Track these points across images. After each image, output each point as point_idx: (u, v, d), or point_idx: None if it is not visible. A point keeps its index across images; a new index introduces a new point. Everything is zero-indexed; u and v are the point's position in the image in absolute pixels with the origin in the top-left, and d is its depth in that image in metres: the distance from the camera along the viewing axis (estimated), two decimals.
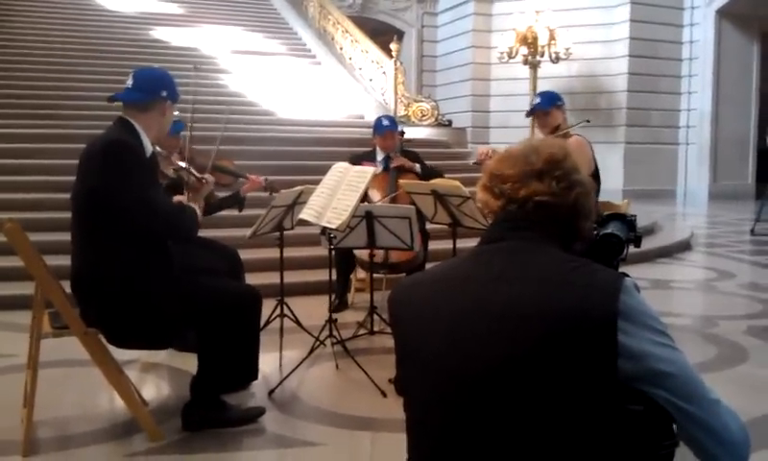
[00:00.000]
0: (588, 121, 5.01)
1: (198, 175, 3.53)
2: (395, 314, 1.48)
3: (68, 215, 3.10)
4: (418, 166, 5.48)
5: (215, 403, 3.26)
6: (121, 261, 2.97)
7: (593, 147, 4.61)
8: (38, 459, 2.97)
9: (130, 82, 3.17)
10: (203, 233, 4.55)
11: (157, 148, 3.43)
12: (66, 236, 3.14)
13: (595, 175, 4.34)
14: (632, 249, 1.64)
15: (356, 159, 5.13)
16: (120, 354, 3.68)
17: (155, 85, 3.17)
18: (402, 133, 5.86)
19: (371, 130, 5.79)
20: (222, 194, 4.68)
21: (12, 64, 10.89)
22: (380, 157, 5.52)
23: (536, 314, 1.27)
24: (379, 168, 5.31)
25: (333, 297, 5.34)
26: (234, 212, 4.65)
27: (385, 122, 5.57)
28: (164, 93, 3.17)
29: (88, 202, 2.99)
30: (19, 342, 3.74)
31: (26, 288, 3.93)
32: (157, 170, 3.35)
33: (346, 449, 3.13)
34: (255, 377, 3.39)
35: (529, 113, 4.69)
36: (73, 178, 3.09)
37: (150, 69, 3.48)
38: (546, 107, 4.62)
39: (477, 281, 1.36)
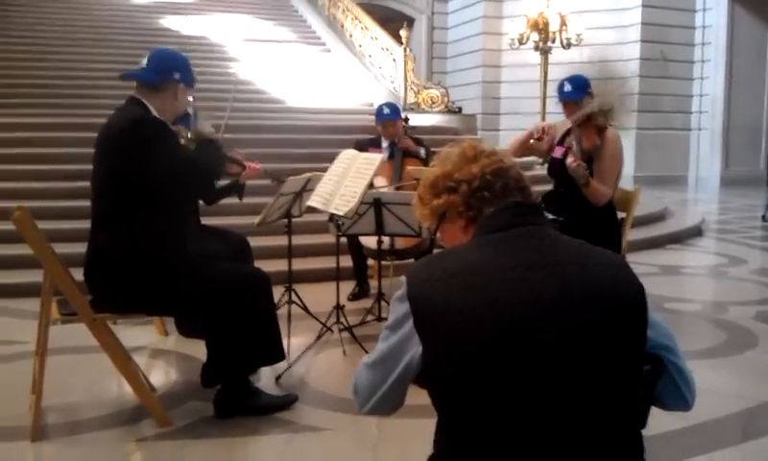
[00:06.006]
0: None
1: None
2: (420, 313, 1.37)
3: (76, 204, 3.13)
4: (422, 151, 5.48)
5: (248, 390, 3.30)
6: (148, 232, 3.03)
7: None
8: (47, 444, 3.01)
9: (144, 61, 3.20)
10: (210, 222, 4.59)
11: (172, 127, 3.44)
12: (75, 224, 3.18)
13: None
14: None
15: (362, 145, 5.13)
16: (128, 341, 3.72)
17: (168, 67, 3.19)
18: (406, 119, 5.84)
19: None
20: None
21: (21, 54, 10.94)
22: (385, 143, 5.53)
23: (586, 296, 1.35)
24: (385, 155, 5.30)
25: (354, 285, 5.39)
26: (236, 200, 4.62)
27: (386, 111, 5.56)
28: (177, 75, 3.18)
29: (116, 180, 3.03)
30: (28, 329, 3.77)
31: (35, 276, 3.95)
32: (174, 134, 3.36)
33: (352, 435, 3.14)
34: (282, 358, 3.40)
35: (560, 101, 4.30)
36: (82, 166, 3.13)
37: (165, 50, 3.48)
38: (579, 97, 4.23)
39: (513, 270, 1.36)
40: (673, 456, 2.87)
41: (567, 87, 4.29)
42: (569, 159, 4.02)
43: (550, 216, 3.95)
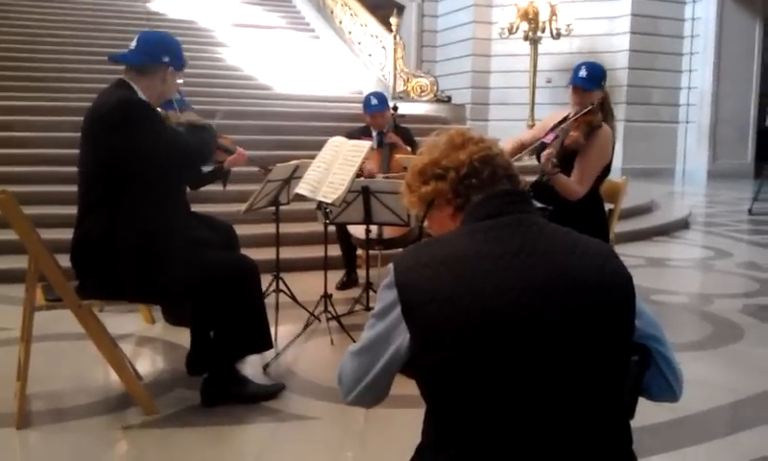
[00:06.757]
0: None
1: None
2: (408, 300, 1.36)
3: (63, 189, 3.09)
4: (409, 149, 5.47)
5: (235, 379, 3.29)
6: (137, 219, 3.00)
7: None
8: (32, 432, 2.98)
9: (133, 44, 3.16)
10: (196, 209, 4.55)
11: (158, 110, 3.40)
12: (61, 209, 3.13)
13: (607, 166, 4.23)
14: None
15: (353, 135, 5.10)
16: (115, 328, 3.70)
17: (157, 50, 3.15)
18: (395, 108, 5.83)
19: None
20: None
21: (7, 37, 10.80)
22: (375, 132, 5.51)
23: (573, 285, 1.34)
24: (374, 143, 5.29)
25: (343, 274, 5.38)
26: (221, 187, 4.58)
27: (373, 102, 5.54)
28: (166, 59, 3.15)
29: (104, 166, 2.99)
30: (13, 315, 3.74)
31: (20, 261, 3.91)
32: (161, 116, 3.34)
33: (339, 424, 3.14)
34: (269, 346, 3.40)
35: (571, 83, 4.15)
36: (69, 150, 3.10)
37: (155, 33, 3.44)
38: (590, 88, 4.10)
39: (502, 258, 1.35)
40: (661, 447, 2.88)
41: (582, 73, 4.12)
42: (545, 151, 3.97)
43: (538, 204, 3.93)
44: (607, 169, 4.21)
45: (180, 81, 3.33)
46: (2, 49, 10.27)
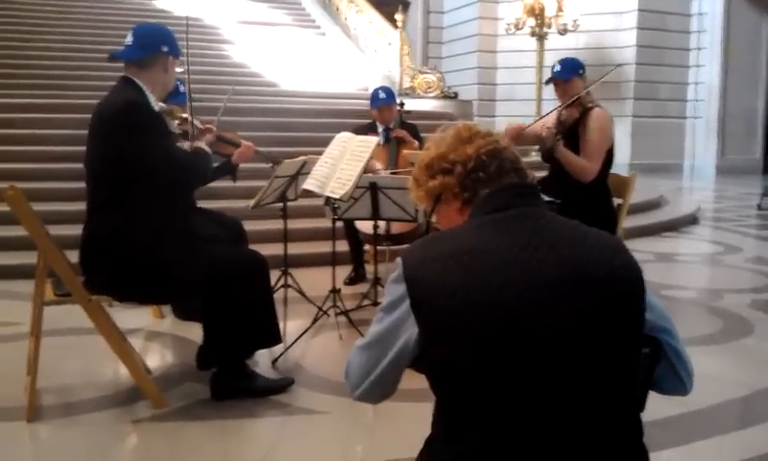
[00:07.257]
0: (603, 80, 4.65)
1: (201, 126, 3.56)
2: (417, 294, 1.35)
3: (70, 185, 3.09)
4: (416, 143, 5.47)
5: (244, 373, 3.30)
6: (145, 218, 3.00)
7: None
8: (42, 425, 3.00)
9: (129, 39, 3.15)
10: (205, 205, 4.56)
11: (161, 104, 3.40)
12: (68, 206, 3.14)
13: (611, 152, 4.28)
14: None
15: (359, 131, 5.10)
16: (124, 323, 3.71)
17: (154, 41, 3.15)
18: (402, 104, 5.82)
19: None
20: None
21: (13, 35, 10.84)
22: (380, 128, 5.51)
23: (582, 278, 1.33)
24: (381, 139, 5.29)
25: (351, 270, 5.38)
26: (230, 183, 4.59)
27: (381, 95, 5.54)
28: (165, 48, 3.15)
29: (112, 165, 2.99)
30: (23, 310, 3.75)
31: (29, 257, 3.92)
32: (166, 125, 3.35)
33: (348, 418, 3.13)
34: (278, 341, 3.41)
35: (548, 81, 4.44)
36: (75, 147, 3.09)
37: (149, 24, 3.43)
38: (567, 76, 4.34)
39: (510, 251, 1.34)
40: (671, 441, 2.87)
41: (557, 67, 4.39)
42: (544, 130, 4.13)
43: (547, 198, 3.95)
44: (611, 155, 4.25)
45: (179, 69, 3.33)
46: (6, 47, 10.29)
